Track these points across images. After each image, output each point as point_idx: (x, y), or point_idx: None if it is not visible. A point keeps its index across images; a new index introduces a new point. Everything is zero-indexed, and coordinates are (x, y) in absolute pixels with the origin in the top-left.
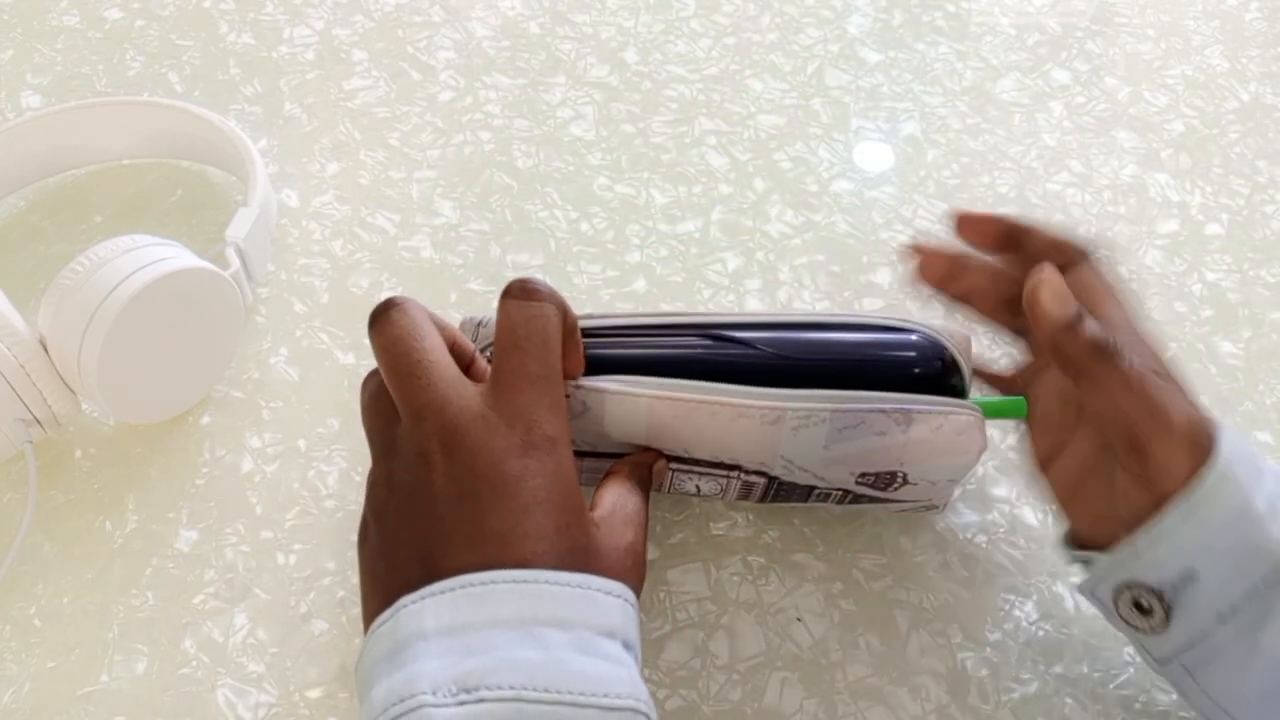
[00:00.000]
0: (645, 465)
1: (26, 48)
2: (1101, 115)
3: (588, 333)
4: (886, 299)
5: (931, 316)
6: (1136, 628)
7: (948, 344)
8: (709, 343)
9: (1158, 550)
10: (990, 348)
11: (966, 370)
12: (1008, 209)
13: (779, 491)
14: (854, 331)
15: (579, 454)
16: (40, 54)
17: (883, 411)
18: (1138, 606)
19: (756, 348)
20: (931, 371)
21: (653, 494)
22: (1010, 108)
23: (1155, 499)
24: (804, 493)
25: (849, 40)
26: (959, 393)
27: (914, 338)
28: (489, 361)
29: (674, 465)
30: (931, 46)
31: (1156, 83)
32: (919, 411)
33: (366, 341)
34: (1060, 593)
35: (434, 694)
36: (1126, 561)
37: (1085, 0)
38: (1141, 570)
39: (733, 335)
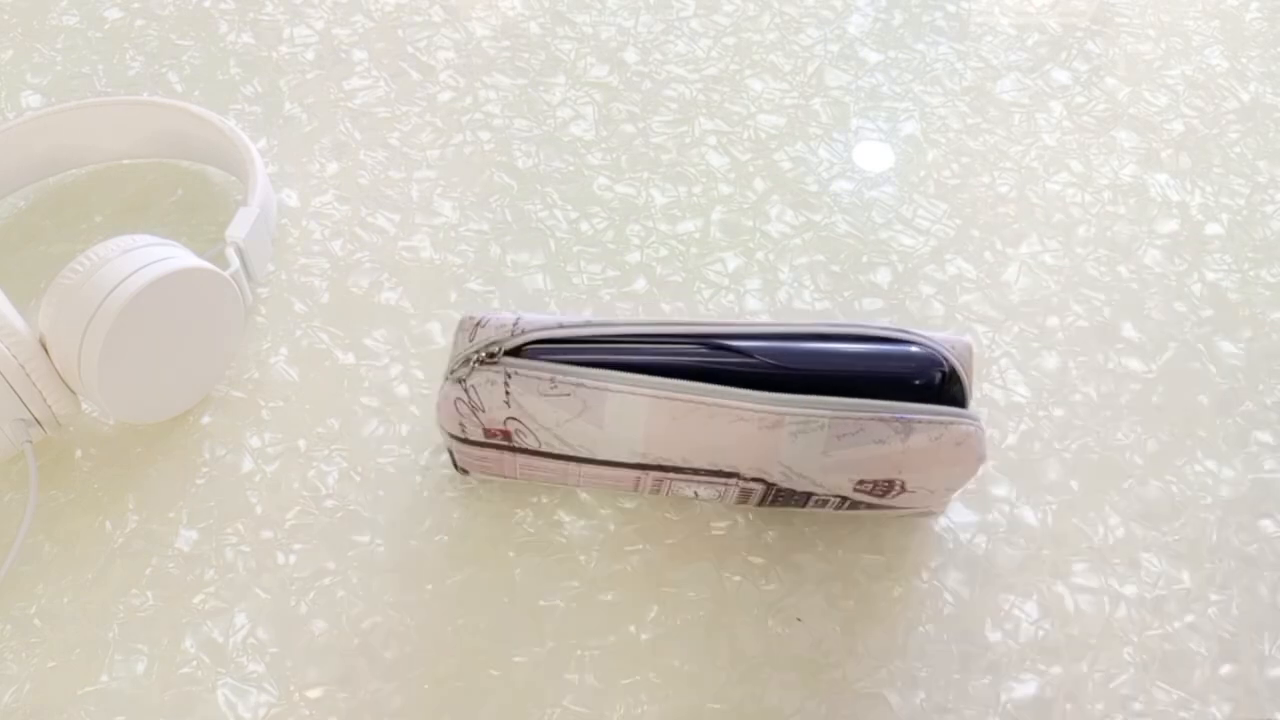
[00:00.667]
0: None
1: (26, 48)
2: (1101, 115)
3: (587, 340)
4: (886, 299)
5: (932, 325)
6: None
7: (948, 355)
8: (707, 351)
9: None
10: (990, 347)
11: (967, 380)
12: (1007, 209)
13: (777, 497)
14: (853, 343)
15: (575, 459)
16: (40, 54)
17: (882, 420)
18: None
19: (755, 357)
20: (930, 383)
21: (653, 494)
22: (1010, 108)
23: None
24: (802, 499)
25: (849, 40)
26: (958, 403)
27: (914, 349)
28: (483, 362)
29: (672, 475)
30: (931, 46)
31: (1156, 83)
32: (919, 421)
33: (367, 341)
34: (1060, 593)
35: None
36: None
37: (1085, 0)
38: None
39: (731, 345)
